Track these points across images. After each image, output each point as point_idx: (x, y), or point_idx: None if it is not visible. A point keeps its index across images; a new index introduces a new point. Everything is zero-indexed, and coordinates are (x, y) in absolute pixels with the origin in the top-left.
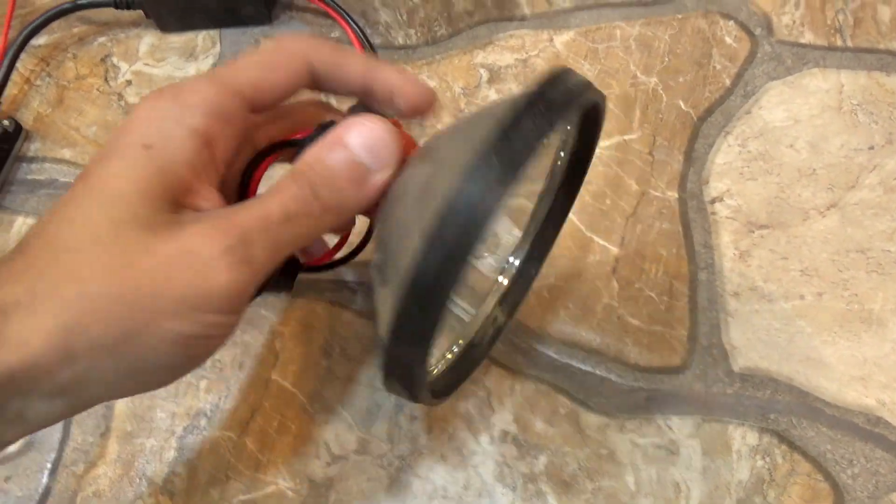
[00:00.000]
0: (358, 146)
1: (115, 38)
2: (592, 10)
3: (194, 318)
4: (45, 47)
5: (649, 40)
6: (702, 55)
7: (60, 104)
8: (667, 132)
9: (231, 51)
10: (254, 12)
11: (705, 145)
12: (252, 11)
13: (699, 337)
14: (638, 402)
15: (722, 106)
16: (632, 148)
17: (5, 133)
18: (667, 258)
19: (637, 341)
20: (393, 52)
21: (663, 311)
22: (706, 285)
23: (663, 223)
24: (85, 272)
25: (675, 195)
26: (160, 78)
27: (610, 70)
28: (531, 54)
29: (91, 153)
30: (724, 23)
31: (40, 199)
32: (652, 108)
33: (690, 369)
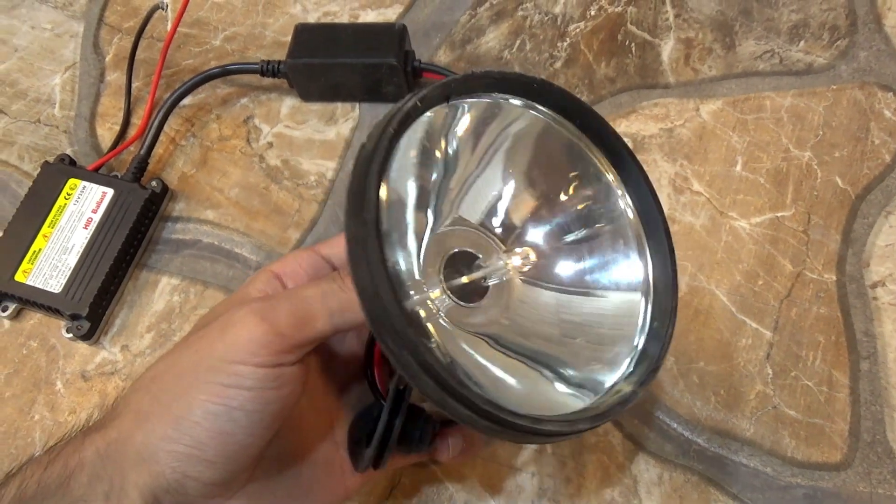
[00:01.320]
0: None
1: (257, 99)
2: (741, 78)
3: (224, 368)
4: (190, 107)
5: (802, 112)
6: (859, 129)
7: (204, 165)
8: (823, 210)
9: (370, 115)
10: (395, 91)
11: (864, 225)
12: (393, 90)
13: (862, 432)
14: (796, 498)
15: (882, 183)
16: (785, 226)
17: (153, 194)
18: (825, 345)
19: (794, 434)
20: None
21: (822, 402)
22: (868, 376)
23: (821, 307)
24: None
25: (833, 278)
26: (300, 140)
27: (760, 143)
28: (676, 124)
29: (233, 214)
30: (882, 95)
31: (184, 259)
32: (806, 184)
33: (852, 467)
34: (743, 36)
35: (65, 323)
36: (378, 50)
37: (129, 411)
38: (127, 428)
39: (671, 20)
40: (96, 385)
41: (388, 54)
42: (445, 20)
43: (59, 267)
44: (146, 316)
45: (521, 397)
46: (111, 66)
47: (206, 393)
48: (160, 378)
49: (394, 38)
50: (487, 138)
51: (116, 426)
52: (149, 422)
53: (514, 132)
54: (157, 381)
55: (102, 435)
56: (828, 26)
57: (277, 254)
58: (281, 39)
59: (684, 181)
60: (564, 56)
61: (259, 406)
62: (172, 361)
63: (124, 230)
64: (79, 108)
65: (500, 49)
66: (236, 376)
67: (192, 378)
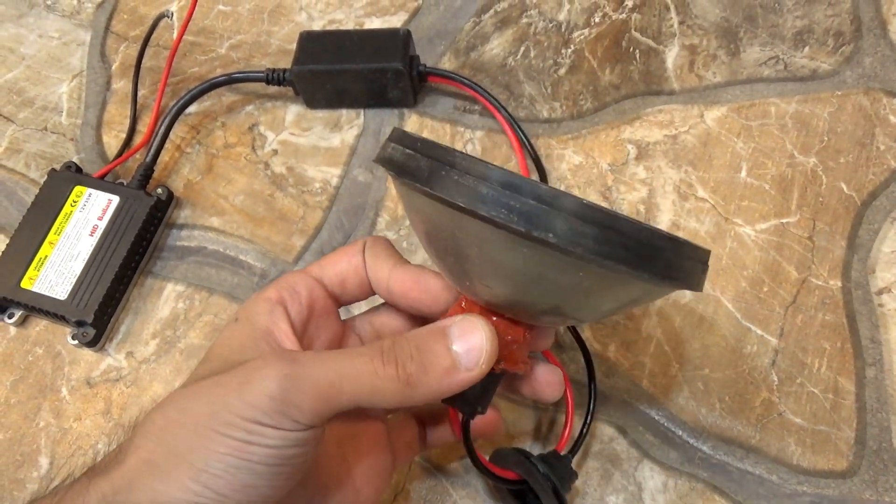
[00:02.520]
0: (463, 351)
1: (263, 107)
2: (745, 84)
3: (244, 426)
4: (195, 115)
5: (807, 118)
6: (864, 135)
7: (210, 172)
8: (828, 216)
9: (374, 122)
10: (400, 95)
11: (870, 231)
12: (399, 95)
13: (868, 440)
14: None
15: (887, 189)
16: (790, 232)
17: (158, 201)
18: (831, 352)
19: (800, 441)
20: (537, 126)
21: (828, 409)
22: (874, 383)
23: (826, 314)
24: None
25: (839, 284)
26: (305, 147)
27: (765, 149)
28: (681, 130)
29: (238, 221)
30: (887, 100)
31: (189, 266)
32: (811, 190)
33: (858, 475)
34: (748, 42)
35: (70, 330)
36: (383, 55)
37: (139, 459)
38: (138, 477)
39: (675, 27)
40: (101, 392)
41: (394, 59)
42: (450, 27)
43: (64, 274)
44: (151, 323)
45: None
46: (118, 75)
47: (225, 447)
48: (172, 427)
49: (398, 44)
50: None
51: (125, 474)
52: (165, 473)
53: None
54: (168, 430)
55: (109, 482)
56: (832, 32)
57: (282, 261)
58: (286, 47)
59: (689, 188)
60: (569, 63)
61: (281, 461)
62: (184, 408)
63: (129, 237)
64: (85, 115)
65: (504, 56)
66: (258, 435)
67: (210, 430)
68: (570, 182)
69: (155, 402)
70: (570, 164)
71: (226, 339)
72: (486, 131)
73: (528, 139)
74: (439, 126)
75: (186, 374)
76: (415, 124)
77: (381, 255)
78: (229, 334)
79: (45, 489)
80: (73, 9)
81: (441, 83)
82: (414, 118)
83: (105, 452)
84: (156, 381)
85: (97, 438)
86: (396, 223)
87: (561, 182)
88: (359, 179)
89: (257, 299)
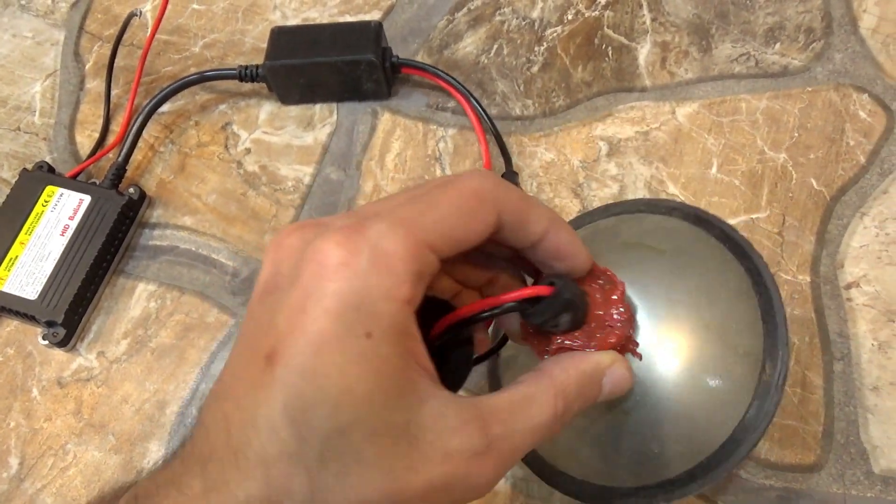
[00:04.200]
0: (610, 384)
1: (236, 105)
2: (716, 81)
3: None
4: (169, 114)
5: (777, 114)
6: (834, 130)
7: (182, 171)
8: (797, 211)
9: (347, 120)
10: (374, 88)
11: (839, 226)
12: (372, 87)
13: (835, 433)
14: (769, 500)
15: (857, 185)
16: (760, 227)
17: (130, 200)
18: (799, 347)
19: (767, 435)
20: (510, 123)
21: (796, 403)
22: (842, 377)
23: (795, 309)
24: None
25: (808, 279)
26: (278, 146)
27: (735, 145)
28: (652, 127)
29: (211, 220)
30: (857, 96)
31: (161, 265)
32: (781, 185)
33: (826, 468)
34: (719, 39)
35: (41, 330)
36: (356, 47)
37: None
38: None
39: (648, 24)
40: (72, 392)
41: (366, 51)
42: (423, 26)
43: (35, 274)
44: (122, 322)
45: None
46: (91, 74)
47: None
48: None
49: (370, 36)
50: None
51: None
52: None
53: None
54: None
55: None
56: (803, 29)
57: (254, 259)
58: (260, 46)
59: (660, 184)
60: (541, 60)
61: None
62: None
63: (101, 237)
64: (59, 115)
65: (477, 54)
66: None
67: None
68: (542, 179)
69: (125, 402)
70: (542, 161)
71: (357, 371)
72: (458, 129)
73: (494, 126)
74: (412, 124)
75: (158, 374)
76: (388, 123)
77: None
78: (364, 365)
79: (16, 489)
80: (47, 8)
81: (414, 74)
82: (387, 116)
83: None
84: (127, 381)
85: (67, 439)
86: None
87: (533, 179)
88: (331, 178)
89: (391, 299)
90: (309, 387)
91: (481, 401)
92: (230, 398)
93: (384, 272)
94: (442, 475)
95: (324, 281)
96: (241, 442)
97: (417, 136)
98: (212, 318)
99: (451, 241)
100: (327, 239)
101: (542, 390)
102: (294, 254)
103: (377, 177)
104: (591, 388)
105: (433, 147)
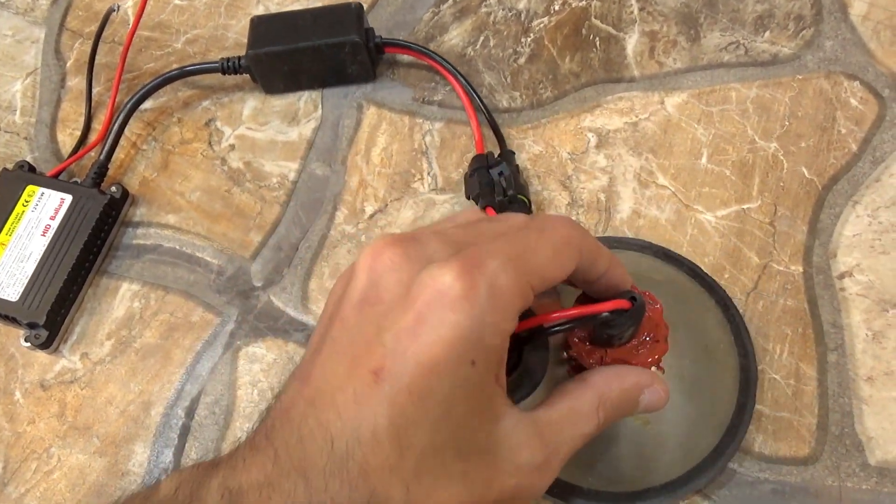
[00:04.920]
0: (646, 401)
1: (219, 101)
2: (706, 70)
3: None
4: (151, 111)
5: (768, 103)
6: (825, 119)
7: (165, 169)
8: (789, 201)
9: (332, 115)
10: (359, 70)
11: (831, 216)
12: (357, 70)
13: (830, 425)
14: (763, 494)
15: (849, 173)
16: (751, 218)
17: (112, 199)
18: (792, 338)
19: (761, 428)
20: (497, 115)
21: (790, 395)
22: (836, 368)
23: (787, 300)
24: (447, 495)
25: (800, 269)
26: (263, 142)
27: (726, 135)
28: (641, 117)
29: (195, 218)
30: (848, 84)
31: (145, 264)
32: (772, 175)
33: (821, 461)
34: (708, 28)
35: (23, 332)
36: (338, 30)
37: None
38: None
39: (636, 13)
40: (55, 394)
41: (350, 32)
42: (408, 18)
43: (16, 275)
44: (106, 323)
45: None
46: (72, 72)
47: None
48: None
49: (352, 17)
50: None
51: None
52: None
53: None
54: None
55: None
56: (793, 16)
57: (239, 257)
58: (243, 41)
59: (649, 175)
60: (528, 52)
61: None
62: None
63: (83, 237)
64: (39, 114)
65: (463, 46)
66: None
67: None
68: (531, 172)
69: (110, 404)
70: (530, 153)
71: (459, 395)
72: (445, 122)
73: (484, 105)
74: (398, 118)
75: (142, 375)
76: (373, 117)
77: (599, 245)
78: (466, 391)
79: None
80: (26, 6)
81: (398, 53)
82: (372, 110)
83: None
84: (111, 383)
85: (51, 441)
86: (355, 217)
87: (521, 172)
88: (317, 173)
89: (498, 333)
90: (414, 406)
91: (538, 416)
92: (331, 408)
93: (498, 308)
94: (512, 487)
95: (443, 311)
96: (344, 453)
97: (403, 130)
98: (196, 317)
99: (545, 281)
100: (446, 269)
101: (587, 403)
102: (397, 271)
103: (363, 171)
104: (629, 404)
105: (419, 141)
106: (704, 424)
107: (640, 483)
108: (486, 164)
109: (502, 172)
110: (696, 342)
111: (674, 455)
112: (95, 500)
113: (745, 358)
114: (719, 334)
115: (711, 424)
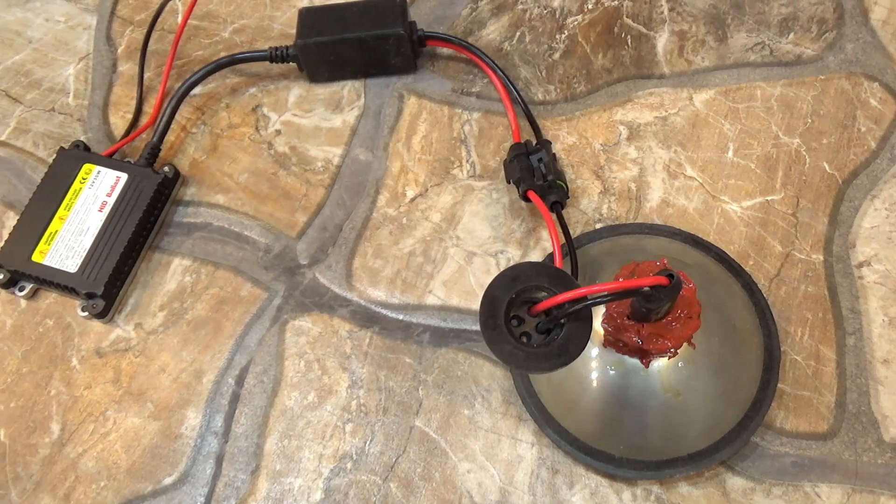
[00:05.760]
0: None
1: (266, 89)
2: (732, 69)
3: None
4: (200, 97)
5: (791, 101)
6: (846, 117)
7: (214, 151)
8: (811, 194)
9: (374, 103)
10: (402, 62)
11: (851, 208)
12: (400, 61)
13: (847, 404)
14: (784, 467)
15: (868, 169)
16: (774, 209)
17: (165, 178)
18: (813, 322)
19: (782, 405)
20: (532, 108)
21: (810, 375)
22: (854, 351)
23: (808, 286)
24: None
25: (821, 258)
26: (307, 128)
27: (751, 130)
28: (670, 112)
29: (243, 199)
30: (868, 84)
31: (195, 241)
32: (795, 169)
33: (838, 437)
34: (735, 29)
35: (80, 302)
36: (384, 23)
37: None
38: None
39: (666, 14)
40: (111, 361)
41: (394, 25)
42: (448, 14)
43: (74, 248)
44: (159, 296)
45: None
46: (123, 57)
47: None
48: None
49: (397, 11)
50: None
51: None
52: None
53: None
54: None
55: None
56: (816, 20)
57: (286, 236)
58: (288, 31)
59: (678, 167)
60: (563, 48)
61: None
62: None
63: (138, 213)
64: (92, 97)
65: (500, 41)
66: None
67: None
68: (565, 161)
69: (163, 371)
70: (564, 144)
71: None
72: (483, 113)
73: (521, 96)
74: (437, 108)
75: (194, 345)
76: (414, 106)
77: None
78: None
79: (58, 453)
80: None
81: (439, 46)
82: (413, 100)
83: (115, 420)
84: (164, 351)
85: (107, 406)
86: (396, 200)
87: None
88: (360, 158)
89: None
90: None
91: None
92: None
93: None
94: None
95: None
96: None
97: (443, 120)
98: (245, 291)
99: None
100: None
101: None
102: None
103: (404, 157)
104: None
105: (458, 130)
106: (730, 399)
107: (667, 452)
108: (526, 151)
109: (541, 159)
110: (724, 322)
111: (700, 427)
112: (150, 460)
113: (768, 338)
114: (745, 315)
115: (736, 400)
